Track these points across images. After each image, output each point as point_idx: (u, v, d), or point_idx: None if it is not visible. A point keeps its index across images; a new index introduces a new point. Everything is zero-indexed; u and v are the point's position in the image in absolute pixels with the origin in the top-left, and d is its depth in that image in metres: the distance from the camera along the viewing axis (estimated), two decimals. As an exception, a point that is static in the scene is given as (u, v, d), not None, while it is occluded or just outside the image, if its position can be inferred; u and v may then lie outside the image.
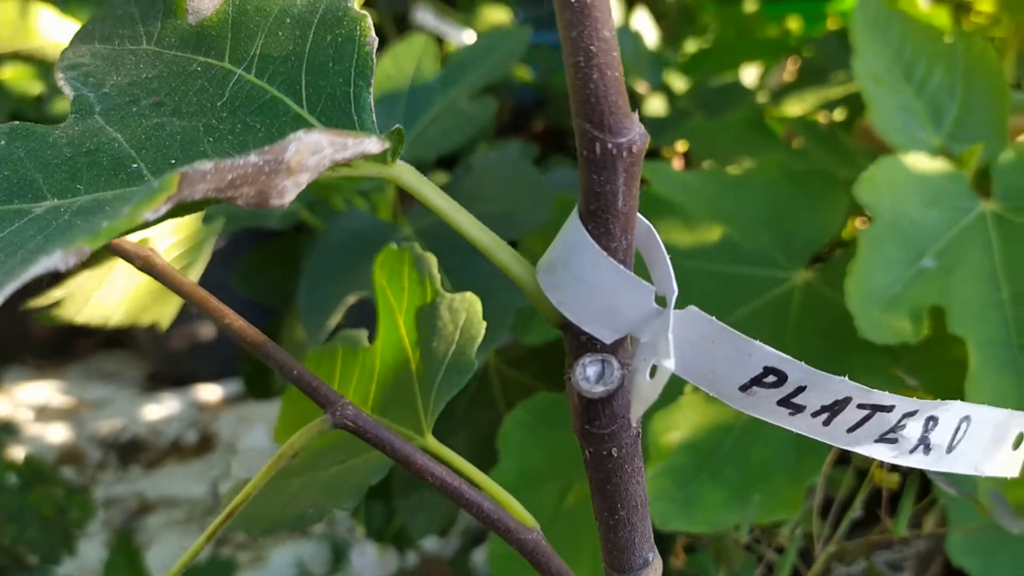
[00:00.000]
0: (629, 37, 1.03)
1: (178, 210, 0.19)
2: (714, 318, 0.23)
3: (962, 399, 0.46)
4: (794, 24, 1.29)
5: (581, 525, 0.55)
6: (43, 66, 0.84)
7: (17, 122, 0.25)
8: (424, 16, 1.33)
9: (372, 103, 0.23)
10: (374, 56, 0.23)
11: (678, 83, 1.05)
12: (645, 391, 0.22)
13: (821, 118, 0.99)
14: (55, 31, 0.80)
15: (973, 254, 0.51)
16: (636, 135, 0.21)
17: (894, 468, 0.44)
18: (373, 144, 0.20)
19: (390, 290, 0.39)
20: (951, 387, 0.48)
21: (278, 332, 0.82)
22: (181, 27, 0.26)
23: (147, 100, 0.25)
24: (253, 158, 0.18)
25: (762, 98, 1.00)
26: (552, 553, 0.30)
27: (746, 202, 0.62)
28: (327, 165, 0.19)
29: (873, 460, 0.43)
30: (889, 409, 0.24)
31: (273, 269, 0.81)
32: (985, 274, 0.50)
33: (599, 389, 0.22)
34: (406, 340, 0.38)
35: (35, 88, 1.14)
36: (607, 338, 0.23)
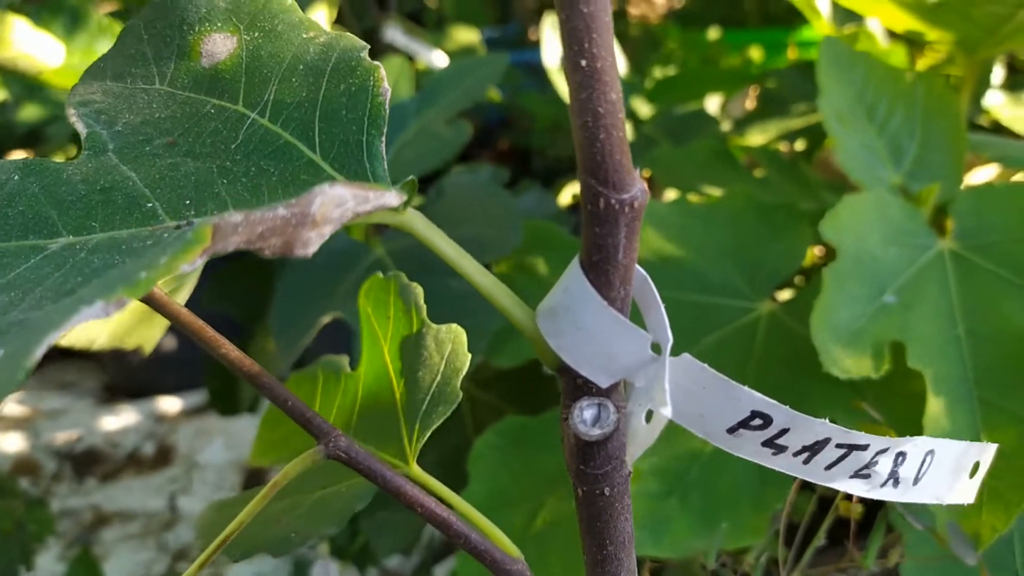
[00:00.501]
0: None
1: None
2: (707, 365, 0.24)
3: (920, 431, 0.48)
4: (755, 53, 1.32)
5: (551, 548, 0.56)
6: (9, 74, 0.84)
7: (30, 157, 0.25)
8: (394, 34, 1.34)
9: (384, 152, 0.24)
10: (387, 107, 0.24)
11: (643, 109, 1.07)
12: (642, 436, 0.23)
13: (783, 147, 1.01)
14: (27, 42, 0.80)
15: (931, 291, 0.53)
16: (638, 191, 0.22)
17: (858, 499, 0.45)
18: (392, 198, 0.21)
19: (375, 318, 0.39)
20: (910, 419, 0.50)
21: (247, 348, 0.82)
22: (195, 69, 0.26)
23: (160, 140, 0.26)
24: (281, 211, 0.19)
25: (725, 127, 1.02)
26: (537, 583, 0.31)
27: (713, 233, 0.64)
28: (349, 217, 0.20)
29: (838, 491, 0.45)
30: (864, 448, 0.25)
31: (245, 284, 0.82)
32: (942, 311, 0.52)
33: (596, 432, 0.24)
34: (391, 369, 0.39)
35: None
36: (603, 383, 0.24)
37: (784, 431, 0.24)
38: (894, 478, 0.26)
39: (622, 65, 1.07)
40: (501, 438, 0.61)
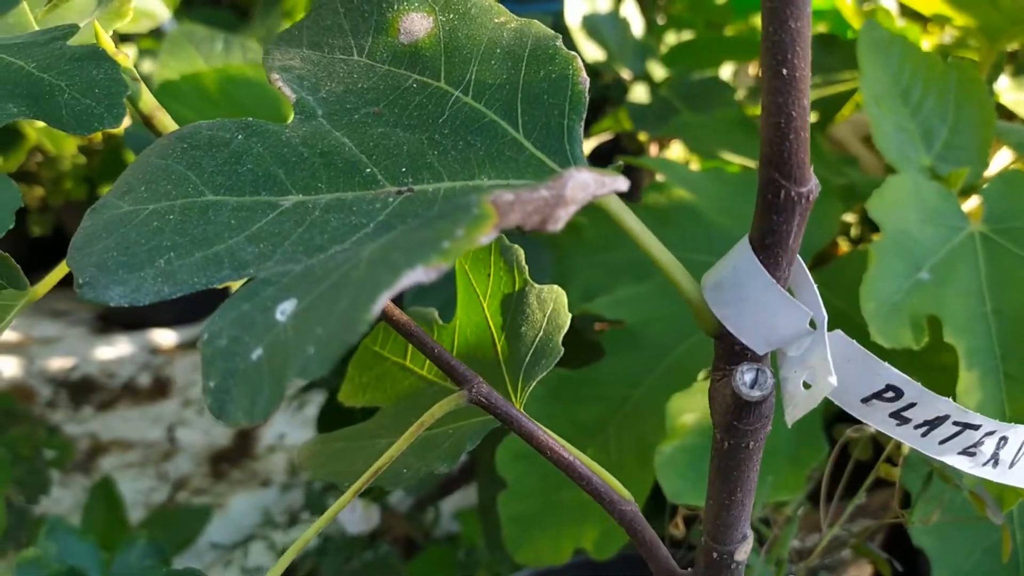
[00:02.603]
0: (618, 24, 1.06)
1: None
2: (854, 341, 0.27)
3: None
4: (759, 21, 1.34)
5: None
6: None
7: (250, 119, 0.28)
8: None
9: (582, 136, 0.27)
10: (587, 95, 0.27)
11: (659, 71, 1.09)
12: (802, 401, 0.26)
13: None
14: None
15: (962, 270, 0.57)
16: (813, 185, 0.25)
17: (892, 463, 0.49)
18: (622, 183, 0.23)
19: (472, 275, 0.42)
20: (940, 391, 0.54)
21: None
22: (393, 44, 0.29)
23: (366, 109, 0.28)
24: (543, 192, 0.21)
25: (740, 94, 1.05)
26: (646, 525, 0.35)
27: (749, 201, 0.67)
28: (588, 199, 0.23)
29: (880, 454, 0.49)
30: (977, 428, 0.29)
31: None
32: (972, 289, 0.56)
33: (756, 394, 0.27)
34: (491, 323, 0.41)
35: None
36: (761, 350, 0.27)
37: (911, 405, 0.28)
38: (995, 459, 0.30)
39: (638, 25, 1.09)
40: (543, 387, 0.64)
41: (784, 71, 0.24)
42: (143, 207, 0.26)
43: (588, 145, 1.15)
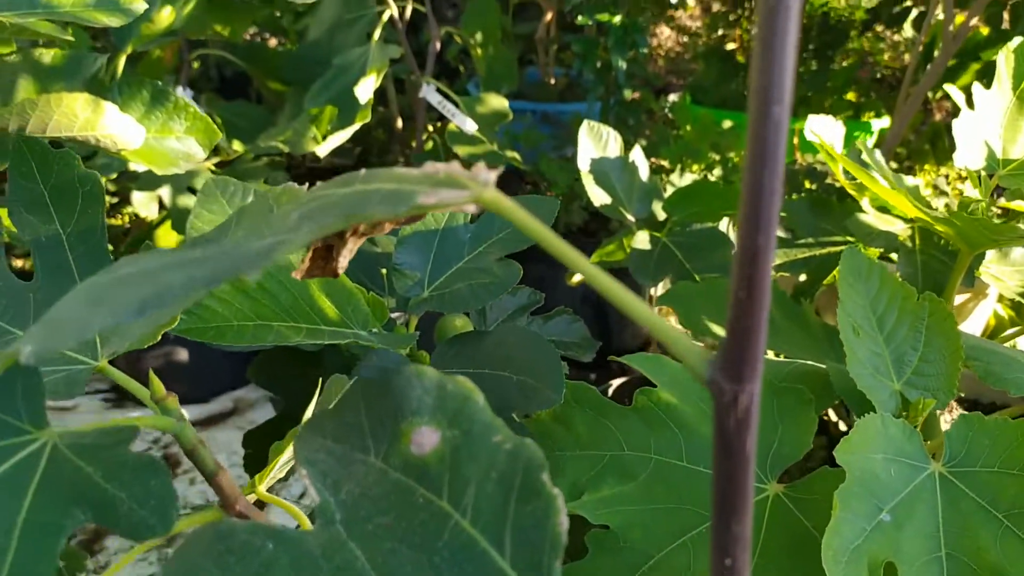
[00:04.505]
0: (626, 169, 1.11)
1: None
2: None
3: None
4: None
5: None
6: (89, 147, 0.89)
7: (280, 526, 0.33)
8: (429, 92, 1.41)
9: (560, 573, 0.31)
10: (565, 536, 0.32)
11: (663, 213, 1.15)
12: None
13: (786, 277, 1.10)
14: (114, 125, 0.86)
15: (921, 511, 0.62)
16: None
17: None
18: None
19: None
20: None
21: (283, 428, 0.89)
22: (405, 453, 0.34)
23: (379, 519, 0.33)
24: None
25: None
26: None
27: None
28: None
29: None
30: None
31: (291, 369, 0.88)
32: (929, 531, 0.61)
33: None
34: None
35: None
36: None
37: None
38: None
39: (645, 170, 1.14)
40: None
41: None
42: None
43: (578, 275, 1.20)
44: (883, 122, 1.93)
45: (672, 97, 2.30)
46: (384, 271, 0.85)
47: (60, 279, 0.45)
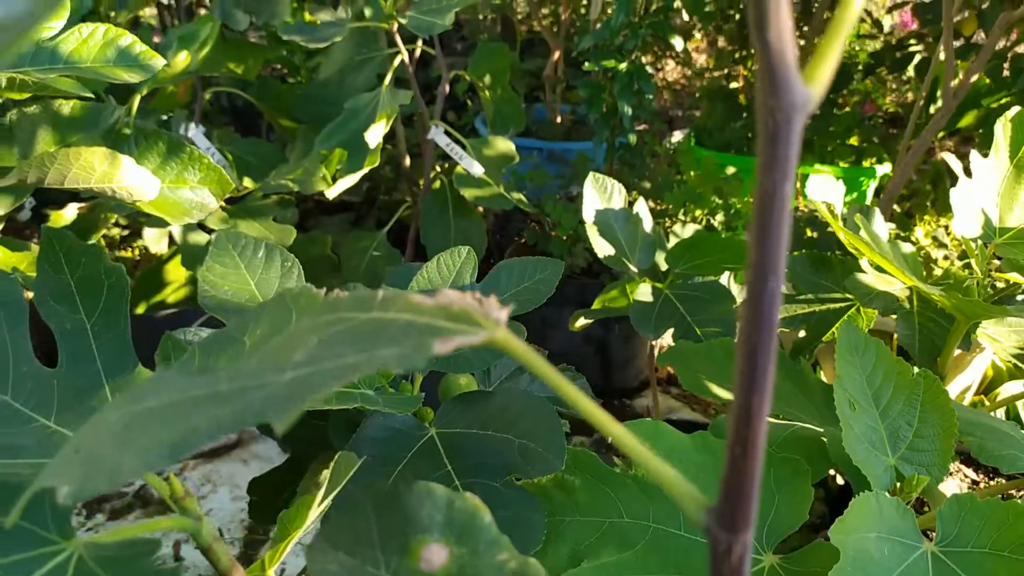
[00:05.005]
0: (629, 220, 1.13)
1: None
2: None
3: None
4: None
5: None
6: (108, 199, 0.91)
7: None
8: (438, 134, 1.43)
9: None
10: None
11: (663, 264, 1.16)
12: None
13: (785, 332, 1.12)
14: (131, 178, 0.88)
15: (913, 591, 0.63)
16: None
17: None
18: None
19: None
20: None
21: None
22: (414, 569, 0.35)
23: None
24: None
25: (740, 298, 1.12)
26: None
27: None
28: None
29: None
30: None
31: (307, 431, 0.90)
32: (920, 612, 0.62)
33: None
34: None
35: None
36: None
37: None
38: None
39: (649, 221, 1.16)
40: None
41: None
42: None
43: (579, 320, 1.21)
44: (885, 167, 1.95)
45: (677, 134, 2.32)
46: (391, 329, 0.86)
47: (83, 367, 0.47)
